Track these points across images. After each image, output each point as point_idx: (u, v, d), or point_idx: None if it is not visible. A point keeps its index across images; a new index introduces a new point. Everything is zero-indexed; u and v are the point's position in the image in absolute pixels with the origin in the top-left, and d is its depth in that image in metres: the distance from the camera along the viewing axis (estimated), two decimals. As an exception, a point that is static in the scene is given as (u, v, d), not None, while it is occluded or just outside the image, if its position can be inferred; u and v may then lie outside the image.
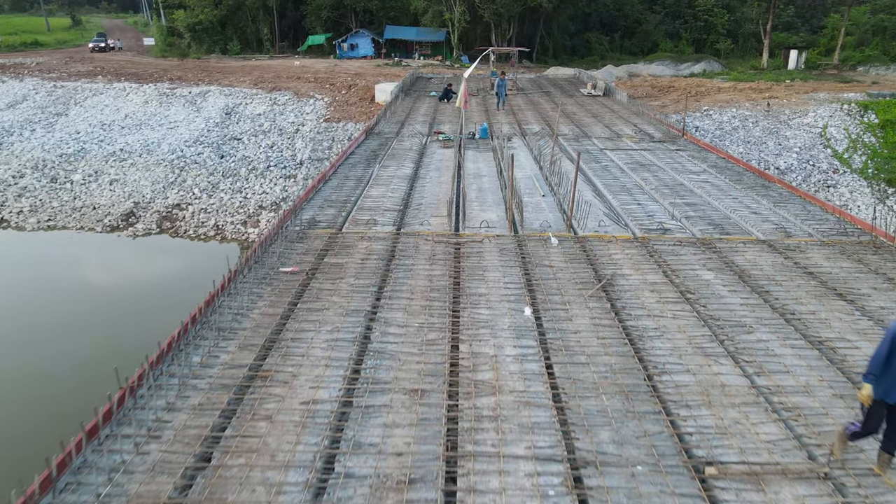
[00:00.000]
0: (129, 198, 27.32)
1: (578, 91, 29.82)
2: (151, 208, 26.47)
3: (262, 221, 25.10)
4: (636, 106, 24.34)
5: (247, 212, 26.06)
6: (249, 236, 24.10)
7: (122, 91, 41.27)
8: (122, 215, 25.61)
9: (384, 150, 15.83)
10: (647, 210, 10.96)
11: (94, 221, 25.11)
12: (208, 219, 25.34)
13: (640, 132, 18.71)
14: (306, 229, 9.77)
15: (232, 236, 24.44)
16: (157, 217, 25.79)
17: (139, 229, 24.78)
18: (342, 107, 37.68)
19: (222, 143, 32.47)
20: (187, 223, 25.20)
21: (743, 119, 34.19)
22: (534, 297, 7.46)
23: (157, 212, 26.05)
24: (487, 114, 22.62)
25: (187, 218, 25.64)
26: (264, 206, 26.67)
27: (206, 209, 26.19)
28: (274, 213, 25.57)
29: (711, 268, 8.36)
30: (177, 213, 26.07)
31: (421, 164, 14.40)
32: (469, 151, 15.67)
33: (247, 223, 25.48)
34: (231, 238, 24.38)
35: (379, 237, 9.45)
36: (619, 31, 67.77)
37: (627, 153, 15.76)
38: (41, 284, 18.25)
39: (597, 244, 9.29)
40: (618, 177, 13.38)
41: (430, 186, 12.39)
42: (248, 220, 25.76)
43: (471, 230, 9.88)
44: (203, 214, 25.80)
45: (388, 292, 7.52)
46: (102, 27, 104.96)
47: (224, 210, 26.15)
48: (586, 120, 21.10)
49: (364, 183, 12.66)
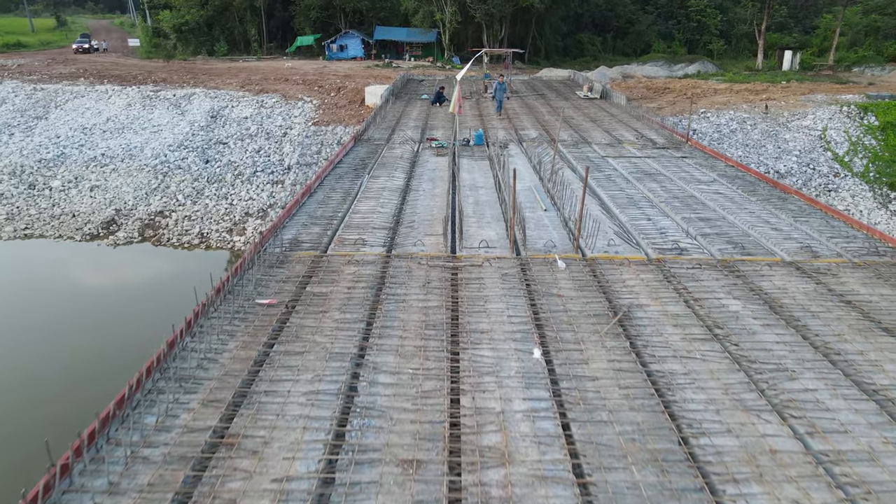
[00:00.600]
0: (110, 205, 26.29)
1: (574, 94, 29.00)
2: (133, 216, 25.47)
3: (248, 229, 24.17)
4: (635, 109, 23.56)
5: (232, 219, 25.10)
6: (235, 244, 23.16)
7: (104, 93, 40.15)
8: (102, 223, 24.60)
9: (374, 158, 14.91)
10: (659, 226, 10.11)
11: (74, 230, 24.08)
12: (192, 226, 24.39)
13: (642, 138, 17.90)
14: (288, 251, 8.85)
15: (217, 245, 23.51)
16: (139, 225, 24.81)
17: (120, 238, 23.79)
18: (331, 110, 36.76)
19: (207, 147, 31.46)
20: (170, 231, 24.24)
21: (741, 121, 33.55)
22: (542, 333, 6.58)
23: (140, 219, 25.07)
24: (482, 118, 21.75)
25: (170, 226, 24.67)
26: (251, 213, 25.74)
27: (190, 216, 25.24)
28: (261, 221, 24.62)
29: (738, 296, 7.51)
30: (159, 220, 25.10)
31: (413, 174, 13.49)
32: (464, 160, 14.79)
33: (232, 231, 24.54)
34: (216, 246, 23.44)
35: (367, 260, 8.54)
36: (612, 31, 67.15)
37: (631, 161, 14.93)
38: (6, 295, 17.21)
39: (608, 267, 8.43)
40: (623, 188, 12.53)
41: (423, 200, 11.48)
42: (233, 228, 24.82)
43: (469, 251, 8.99)
44: (187, 222, 24.84)
45: (378, 329, 6.61)
46: (88, 28, 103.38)
47: (209, 217, 25.18)
48: (585, 125, 20.26)
49: (352, 196, 11.74)
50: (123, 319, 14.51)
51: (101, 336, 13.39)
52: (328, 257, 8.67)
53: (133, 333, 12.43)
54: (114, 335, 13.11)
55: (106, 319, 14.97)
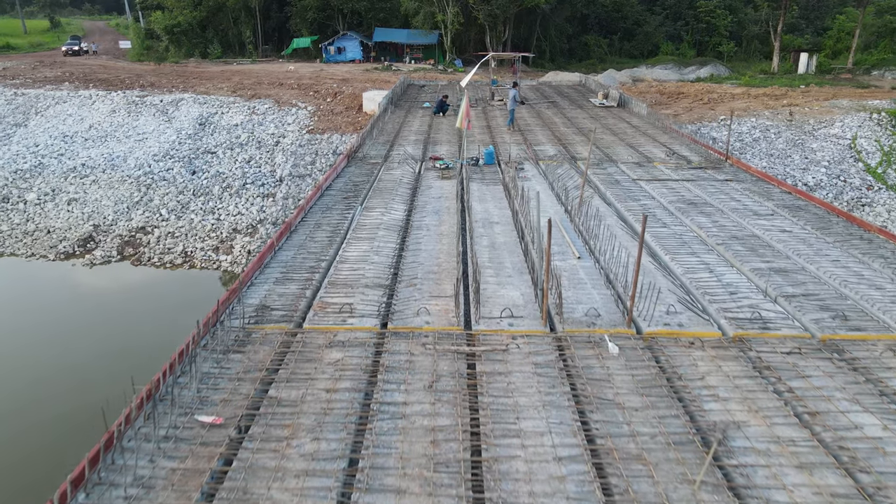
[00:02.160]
0: (88, 220, 24.17)
1: (588, 101, 26.85)
2: (113, 232, 23.38)
3: (235, 247, 22.09)
4: (659, 120, 21.41)
5: (219, 236, 23.00)
6: (221, 264, 21.10)
7: (87, 99, 38.11)
8: (79, 240, 22.51)
9: (369, 182, 12.80)
10: (726, 282, 7.99)
11: (48, 247, 22.00)
12: (175, 244, 22.30)
13: (674, 155, 15.79)
14: (251, 324, 6.74)
15: (202, 264, 21.43)
16: (119, 242, 22.73)
17: (97, 256, 21.70)
18: (327, 116, 34.70)
19: (194, 157, 29.36)
20: (152, 249, 22.14)
21: (764, 129, 31.46)
22: (603, 473, 4.49)
23: (119, 236, 22.99)
24: (490, 130, 19.62)
25: (152, 243, 22.58)
26: (239, 230, 23.65)
27: (173, 233, 23.14)
28: (249, 238, 22.55)
29: (868, 406, 5.39)
30: (140, 237, 23.01)
31: (415, 204, 11.37)
32: (474, 184, 12.67)
33: (219, 249, 22.45)
34: (201, 266, 21.36)
35: (355, 340, 6.43)
36: (619, 33, 65.05)
37: (667, 186, 12.82)
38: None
39: (674, 351, 6.32)
40: (667, 223, 10.42)
41: (427, 242, 9.36)
42: (220, 246, 22.73)
43: (488, 323, 6.87)
44: (170, 239, 22.74)
45: (365, 474, 4.50)
46: (83, 29, 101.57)
47: (194, 234, 23.08)
48: (606, 138, 18.13)
49: (340, 236, 9.62)
50: (85, 359, 12.39)
51: (53, 382, 11.29)
52: (304, 334, 6.56)
53: (92, 377, 10.44)
54: (69, 380, 11.03)
55: (66, 356, 12.81)
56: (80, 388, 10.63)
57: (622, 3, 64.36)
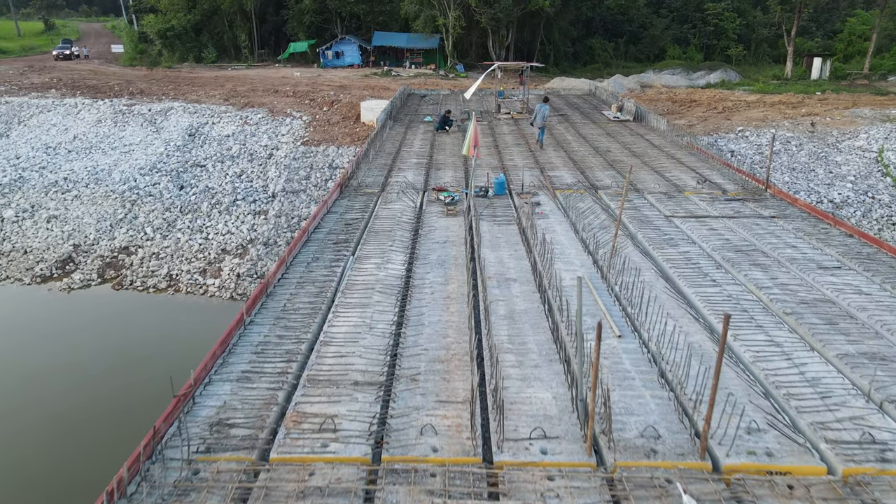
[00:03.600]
0: (68, 239, 22.51)
1: (600, 114, 25.11)
2: (94, 252, 21.72)
3: (224, 270, 20.42)
4: (681, 135, 19.66)
5: (207, 257, 21.33)
6: (208, 289, 19.46)
7: (72, 108, 36.50)
8: (57, 262, 20.87)
9: (363, 221, 11.11)
10: (810, 375, 6.29)
11: (23, 270, 20.36)
12: (160, 266, 20.64)
13: (706, 182, 14.08)
14: (199, 451, 5.05)
15: (188, 289, 19.77)
16: (100, 264, 21.09)
17: (76, 280, 20.04)
18: (323, 127, 33.07)
19: (183, 170, 27.71)
20: (135, 272, 20.49)
21: (784, 141, 29.81)
22: None
23: (101, 257, 21.33)
24: (498, 150, 17.92)
25: (135, 265, 20.92)
26: (228, 250, 21.98)
27: (158, 253, 21.46)
28: (239, 259, 20.91)
29: None
30: (123, 258, 21.36)
31: (416, 251, 9.68)
32: (484, 224, 10.98)
33: (206, 272, 20.80)
34: (186, 291, 19.71)
35: (337, 484, 4.74)
36: (624, 36, 63.38)
37: (705, 224, 11.12)
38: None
39: (768, 500, 4.64)
40: (715, 279, 8.72)
41: (431, 310, 7.67)
42: (207, 269, 21.08)
43: (514, 450, 5.18)
44: (154, 261, 21.07)
45: None
46: (78, 32, 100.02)
47: (180, 255, 21.41)
48: (626, 160, 16.41)
49: (327, 300, 7.94)
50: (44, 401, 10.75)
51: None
52: (270, 472, 4.87)
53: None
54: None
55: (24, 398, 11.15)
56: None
57: (628, 5, 62.71)
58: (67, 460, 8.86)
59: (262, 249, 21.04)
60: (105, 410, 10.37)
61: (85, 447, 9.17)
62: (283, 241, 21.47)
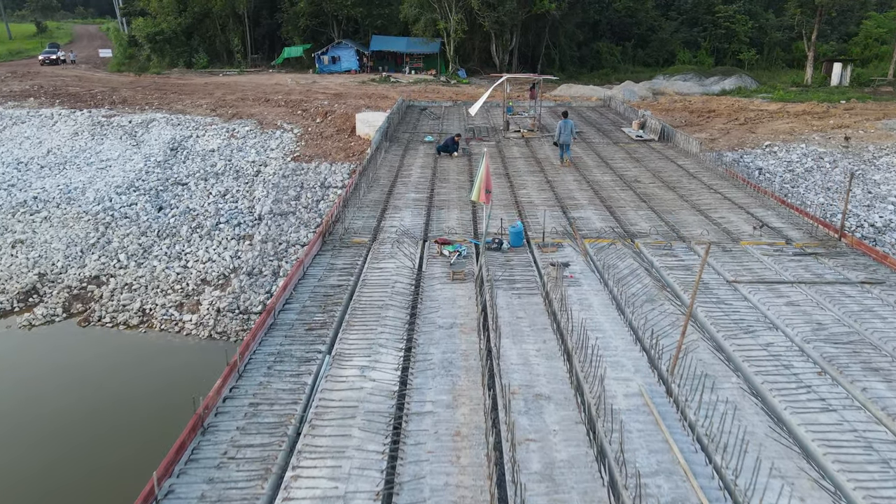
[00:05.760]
0: (34, 267, 20.14)
1: (620, 130, 22.65)
2: (61, 282, 19.37)
3: (203, 304, 18.09)
4: (719, 162, 17.19)
5: (185, 289, 18.94)
6: (185, 326, 17.13)
7: (48, 119, 34.14)
8: (19, 293, 18.55)
9: (346, 291, 8.75)
10: None
11: (-21, 304, 18.05)
12: (132, 299, 18.28)
13: (762, 227, 11.70)
14: None
15: (162, 325, 17.42)
16: (66, 296, 18.74)
17: (39, 316, 17.70)
18: (315, 140, 30.69)
19: (163, 189, 25.34)
20: (104, 306, 18.13)
21: (817, 157, 27.41)
22: None
23: (68, 288, 18.98)
24: (509, 179, 15.54)
25: (105, 298, 18.57)
26: (208, 281, 19.60)
27: (131, 284, 19.09)
28: (220, 292, 18.61)
29: None
30: (93, 290, 18.98)
31: (414, 339, 7.34)
32: (501, 295, 8.61)
33: (183, 306, 18.42)
34: (160, 328, 17.38)
35: None
36: (632, 39, 61.02)
37: (778, 292, 8.76)
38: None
39: None
40: (820, 393, 6.36)
41: (432, 467, 5.31)
42: (184, 302, 18.69)
43: None
44: (126, 293, 18.71)
45: None
46: (71, 35, 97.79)
47: (155, 286, 19.04)
48: (661, 196, 13.95)
49: (287, 439, 5.59)
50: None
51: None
52: None
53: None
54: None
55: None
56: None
57: (636, 7, 60.35)
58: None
59: (245, 280, 18.74)
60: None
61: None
62: (269, 271, 19.20)
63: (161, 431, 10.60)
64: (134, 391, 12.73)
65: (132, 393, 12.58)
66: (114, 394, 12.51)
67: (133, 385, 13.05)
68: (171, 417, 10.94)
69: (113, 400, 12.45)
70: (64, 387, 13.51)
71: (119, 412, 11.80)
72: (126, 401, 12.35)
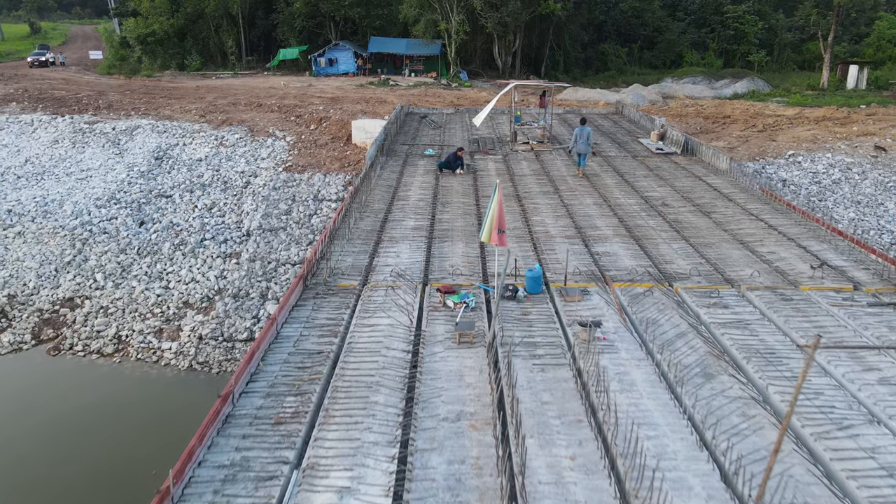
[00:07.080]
0: (3, 288, 18.51)
1: (636, 141, 20.83)
2: (32, 304, 17.71)
3: (184, 330, 16.43)
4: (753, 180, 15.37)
5: (165, 313, 17.28)
6: (163, 355, 15.46)
7: (28, 126, 32.39)
8: (-14, 318, 16.87)
9: (327, 361, 7.01)
10: None
11: (-55, 330, 16.47)
12: (108, 324, 16.61)
13: (822, 266, 9.94)
14: None
15: (139, 354, 15.78)
16: (37, 321, 17.11)
17: (5, 343, 16.07)
18: (309, 149, 28.94)
19: (145, 201, 23.62)
20: (77, 332, 16.49)
21: (844, 168, 25.63)
22: None
23: (39, 311, 17.34)
24: (520, 202, 13.77)
25: (78, 323, 16.92)
26: (191, 303, 17.97)
27: (107, 307, 17.41)
28: (203, 316, 16.92)
29: None
30: (65, 313, 17.33)
31: (410, 436, 5.60)
32: (519, 366, 6.87)
33: (163, 332, 16.76)
34: (137, 357, 15.75)
35: None
36: (638, 41, 59.25)
37: (866, 363, 7.03)
38: None
39: None
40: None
41: None
42: (164, 328, 17.03)
43: None
44: (101, 317, 17.03)
45: None
46: (66, 35, 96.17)
47: (133, 309, 17.37)
48: (697, 224, 12.05)
49: None
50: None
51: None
52: None
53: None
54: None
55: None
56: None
57: (642, 8, 58.56)
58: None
59: (230, 304, 17.06)
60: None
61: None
62: (257, 293, 17.51)
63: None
64: (98, 444, 11.28)
65: (95, 446, 11.24)
66: (73, 445, 11.20)
67: (103, 421, 11.93)
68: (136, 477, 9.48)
69: (72, 452, 11.07)
70: (23, 434, 11.91)
71: (80, 467, 10.44)
72: (86, 456, 10.88)
